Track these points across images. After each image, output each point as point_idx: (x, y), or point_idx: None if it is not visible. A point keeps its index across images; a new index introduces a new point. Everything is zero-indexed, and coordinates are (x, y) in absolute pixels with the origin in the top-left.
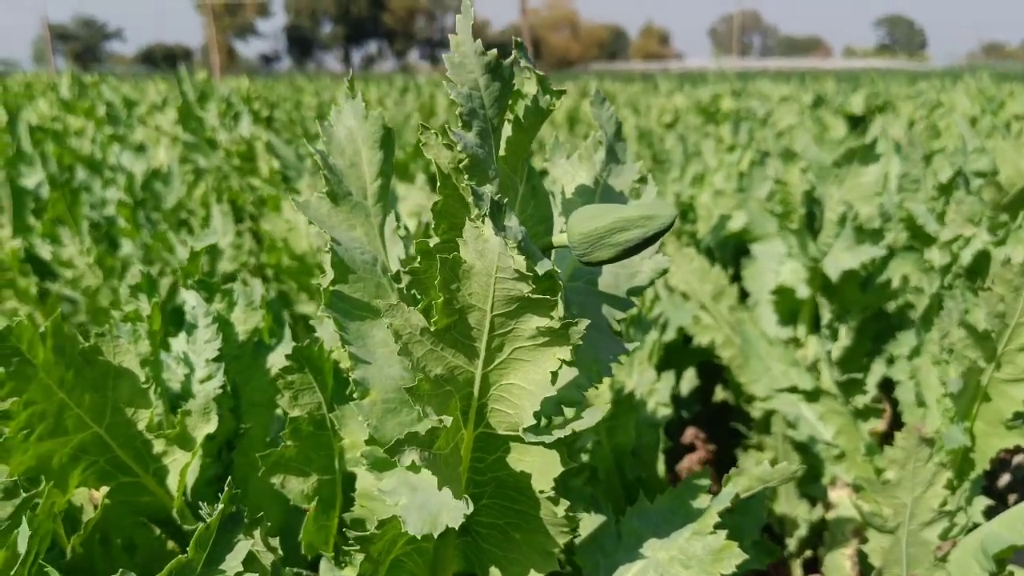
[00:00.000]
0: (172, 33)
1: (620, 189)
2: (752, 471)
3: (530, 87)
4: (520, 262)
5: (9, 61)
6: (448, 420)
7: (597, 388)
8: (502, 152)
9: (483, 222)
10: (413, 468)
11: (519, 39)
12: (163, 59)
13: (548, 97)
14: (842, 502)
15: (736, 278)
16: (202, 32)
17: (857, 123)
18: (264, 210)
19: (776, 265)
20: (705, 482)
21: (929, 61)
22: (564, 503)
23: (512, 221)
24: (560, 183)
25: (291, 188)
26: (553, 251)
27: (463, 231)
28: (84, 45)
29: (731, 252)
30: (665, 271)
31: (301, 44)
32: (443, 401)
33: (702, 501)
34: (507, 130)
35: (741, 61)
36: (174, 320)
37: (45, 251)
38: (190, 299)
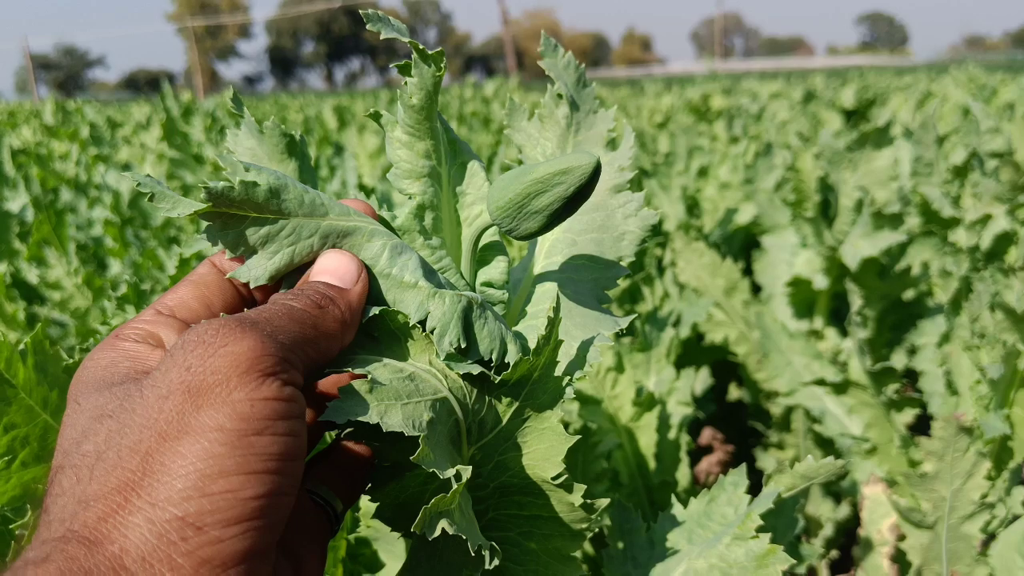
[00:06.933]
0: (154, 58)
1: (593, 143)
2: (796, 468)
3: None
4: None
5: None
6: (467, 471)
7: (590, 367)
8: (401, 135)
9: None
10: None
11: (366, 11)
12: (146, 84)
13: (428, 67)
14: (876, 498)
15: (747, 272)
16: (184, 56)
17: (852, 116)
18: None
19: (789, 256)
20: (741, 482)
21: (912, 56)
22: (579, 488)
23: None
24: (526, 152)
25: None
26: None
27: None
28: (67, 73)
29: (739, 246)
30: (654, 226)
31: (283, 64)
32: (442, 447)
33: (739, 503)
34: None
35: (724, 63)
36: None
37: (32, 275)
38: None
